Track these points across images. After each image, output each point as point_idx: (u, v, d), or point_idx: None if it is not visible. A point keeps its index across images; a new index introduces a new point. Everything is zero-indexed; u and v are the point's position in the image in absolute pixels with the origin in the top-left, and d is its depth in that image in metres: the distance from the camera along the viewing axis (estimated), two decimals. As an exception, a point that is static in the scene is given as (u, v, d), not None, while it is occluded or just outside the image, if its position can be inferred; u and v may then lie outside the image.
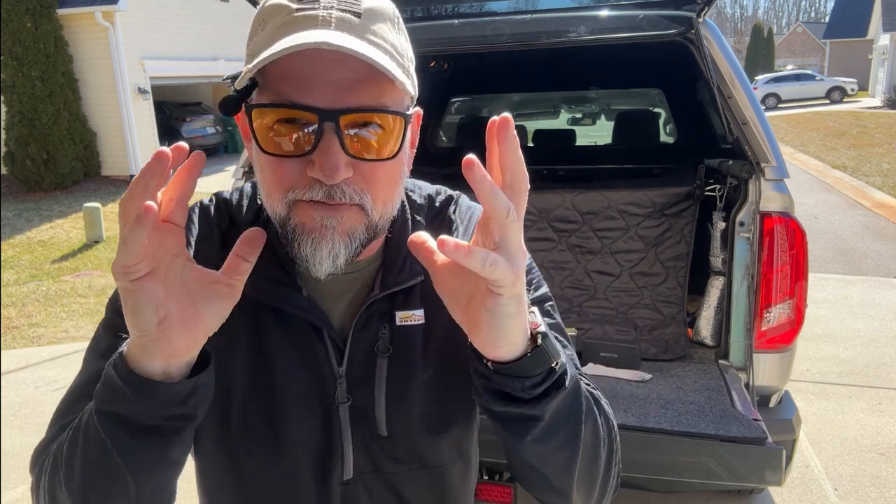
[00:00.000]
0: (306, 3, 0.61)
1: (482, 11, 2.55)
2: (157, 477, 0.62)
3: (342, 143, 0.60)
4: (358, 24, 0.61)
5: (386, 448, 0.77)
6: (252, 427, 0.75)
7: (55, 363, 4.59)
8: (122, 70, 12.26)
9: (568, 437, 0.64)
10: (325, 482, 0.77)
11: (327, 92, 0.59)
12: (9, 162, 11.57)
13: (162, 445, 0.60)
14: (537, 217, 2.62)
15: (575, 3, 2.65)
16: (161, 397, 0.57)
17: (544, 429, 0.61)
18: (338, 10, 0.60)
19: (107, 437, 0.59)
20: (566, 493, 0.68)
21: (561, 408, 0.62)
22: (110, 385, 0.58)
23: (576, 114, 6.69)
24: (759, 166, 2.09)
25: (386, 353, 0.75)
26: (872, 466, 2.93)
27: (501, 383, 0.59)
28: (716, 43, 2.07)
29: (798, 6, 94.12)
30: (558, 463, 0.66)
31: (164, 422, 0.58)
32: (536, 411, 0.60)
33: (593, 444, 0.67)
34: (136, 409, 0.57)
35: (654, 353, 2.37)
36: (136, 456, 0.59)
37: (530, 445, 0.63)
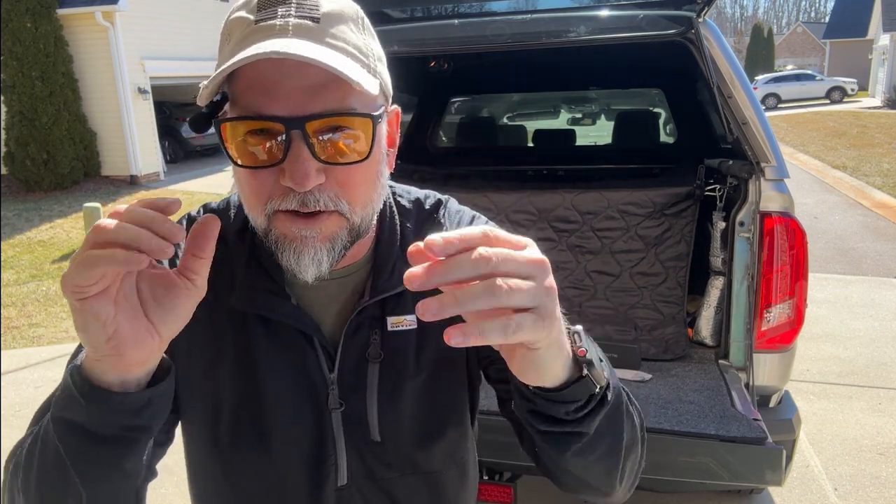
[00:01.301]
0: (265, 13, 0.61)
1: (482, 11, 2.55)
2: (110, 487, 0.61)
3: (311, 150, 0.60)
4: (316, 28, 0.61)
5: (379, 454, 0.77)
6: (244, 436, 0.75)
7: (55, 363, 4.59)
8: (122, 70, 12.26)
9: (610, 447, 0.63)
10: (319, 489, 0.76)
11: (291, 99, 0.60)
12: (9, 162, 11.57)
13: (115, 455, 0.59)
14: (537, 217, 2.62)
15: (575, 3, 2.65)
16: (115, 407, 0.56)
17: (587, 443, 0.60)
18: (295, 18, 0.60)
19: (61, 443, 0.58)
20: (608, 492, 0.68)
21: (604, 422, 0.60)
22: (67, 393, 0.57)
23: (576, 114, 6.69)
24: (759, 166, 2.09)
25: (377, 358, 0.75)
26: (872, 466, 2.93)
27: (544, 407, 0.57)
28: (716, 43, 2.07)
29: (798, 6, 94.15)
30: (600, 470, 0.65)
31: (119, 431, 0.57)
32: (580, 429, 0.59)
33: (632, 447, 0.66)
34: (90, 418, 0.56)
35: (654, 353, 2.37)
36: (88, 464, 0.58)
37: (572, 458, 0.62)
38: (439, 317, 0.43)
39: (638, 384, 2.09)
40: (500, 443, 1.82)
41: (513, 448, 1.83)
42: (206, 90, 0.60)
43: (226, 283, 0.73)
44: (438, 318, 0.44)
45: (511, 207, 2.63)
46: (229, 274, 0.74)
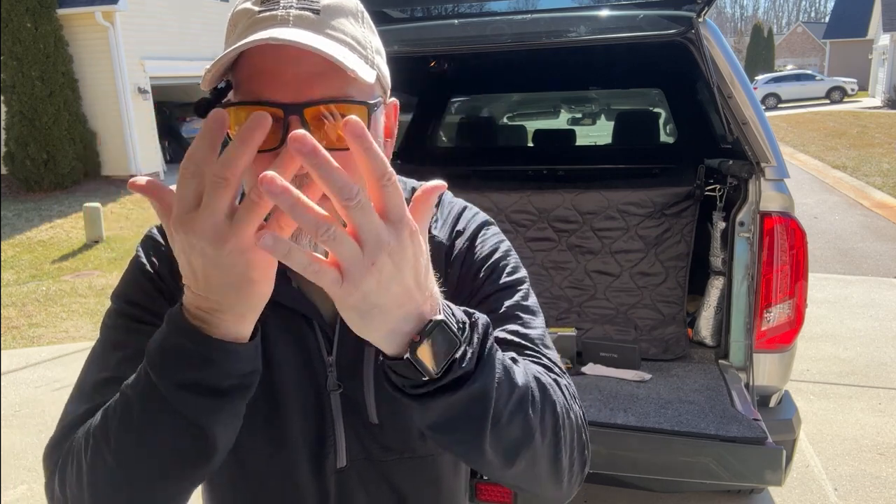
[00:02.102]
0: (268, 4, 0.64)
1: (482, 11, 2.55)
2: (232, 436, 0.63)
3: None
4: (316, 19, 0.63)
5: (377, 436, 0.79)
6: (251, 414, 0.74)
7: (55, 363, 4.59)
8: (122, 70, 12.26)
9: (467, 437, 0.60)
10: (320, 469, 0.79)
11: (290, 86, 0.61)
12: (9, 162, 11.57)
13: (240, 403, 0.61)
14: (537, 217, 2.62)
15: (575, 3, 2.65)
16: (240, 358, 0.57)
17: (435, 421, 0.58)
18: (296, 9, 0.63)
19: (183, 407, 0.57)
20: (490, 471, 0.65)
21: (453, 410, 0.57)
22: (184, 355, 0.56)
23: (576, 114, 6.68)
24: (759, 166, 2.09)
25: None
26: (872, 466, 2.93)
27: (386, 367, 0.56)
28: (716, 43, 2.07)
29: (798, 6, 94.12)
30: (460, 452, 0.63)
31: (242, 380, 0.59)
32: (417, 404, 0.56)
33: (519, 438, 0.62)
34: (215, 374, 0.57)
35: (654, 353, 2.37)
36: (219, 419, 0.59)
37: (425, 431, 0.60)
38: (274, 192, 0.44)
39: (638, 384, 2.09)
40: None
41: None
42: (208, 74, 0.62)
43: None
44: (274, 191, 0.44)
45: (511, 207, 2.63)
46: None
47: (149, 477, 0.61)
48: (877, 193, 9.39)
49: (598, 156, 4.05)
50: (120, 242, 8.40)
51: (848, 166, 11.57)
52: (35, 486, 3.02)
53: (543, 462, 0.66)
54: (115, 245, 8.27)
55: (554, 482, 0.69)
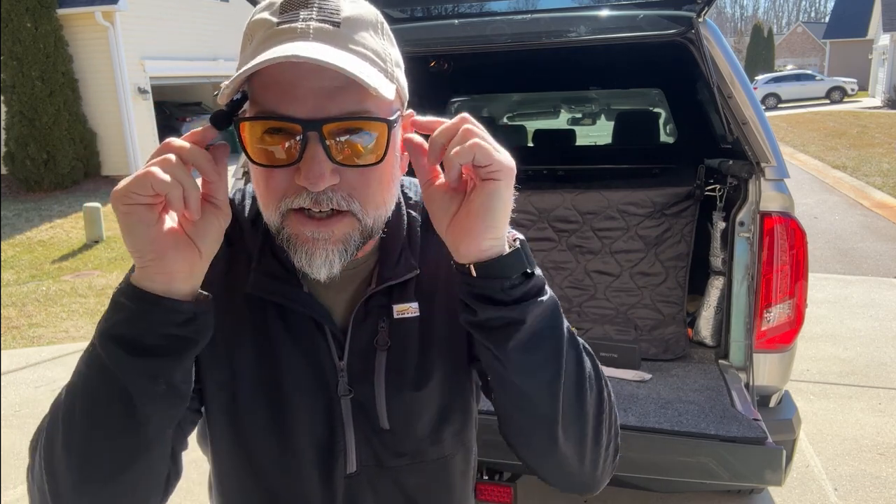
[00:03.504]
0: (287, 15, 0.62)
1: (482, 11, 2.55)
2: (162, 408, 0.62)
3: (326, 151, 0.61)
4: (336, 32, 0.62)
5: (388, 442, 0.78)
6: (260, 420, 0.76)
7: (55, 363, 4.59)
8: (122, 70, 12.26)
9: (550, 355, 0.65)
10: (329, 475, 0.78)
11: (309, 101, 0.61)
12: (9, 162, 11.57)
13: (163, 368, 0.61)
14: (537, 217, 2.62)
15: (575, 3, 2.65)
16: (162, 312, 0.59)
17: (526, 336, 0.63)
18: (316, 22, 0.61)
19: (110, 360, 0.59)
20: (552, 427, 0.67)
21: (541, 319, 0.64)
22: (115, 305, 0.60)
23: (576, 114, 6.68)
24: (759, 166, 2.09)
25: (385, 346, 0.76)
26: (872, 466, 2.93)
27: (484, 286, 0.62)
28: (716, 43, 2.07)
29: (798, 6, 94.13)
30: (542, 381, 0.65)
31: (164, 341, 0.60)
32: (517, 314, 0.62)
33: (577, 376, 0.68)
34: (137, 326, 0.59)
35: (654, 353, 2.37)
36: (138, 376, 0.60)
37: (514, 355, 0.64)
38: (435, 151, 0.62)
39: (638, 384, 2.09)
40: (501, 443, 1.82)
41: (513, 448, 1.80)
42: (227, 90, 0.61)
43: (243, 269, 0.75)
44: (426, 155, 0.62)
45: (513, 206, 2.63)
46: (246, 260, 0.76)
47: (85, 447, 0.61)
48: (877, 193, 9.38)
49: (598, 156, 4.06)
50: (120, 242, 8.40)
51: (848, 166, 11.57)
52: (35, 486, 3.02)
53: (590, 418, 0.69)
54: (115, 245, 8.27)
55: (593, 457, 0.71)
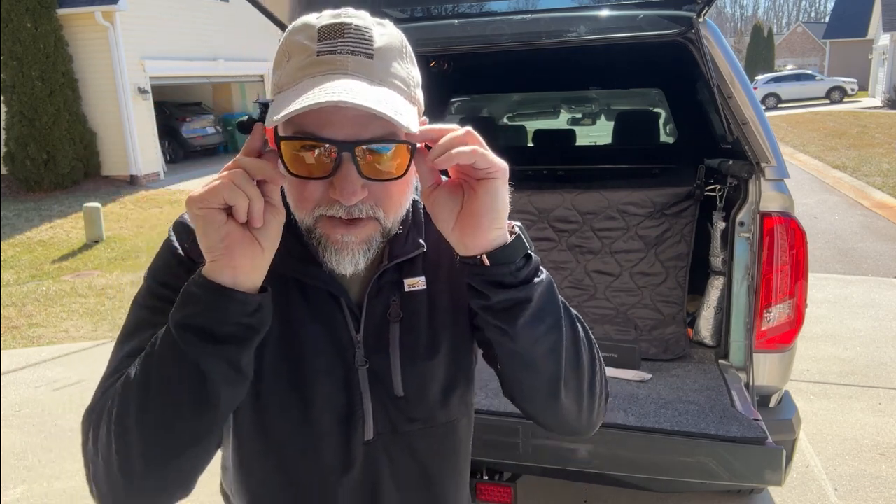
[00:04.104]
0: (325, 44, 0.70)
1: (482, 11, 2.55)
2: (232, 390, 0.70)
3: (358, 169, 0.70)
4: (371, 65, 0.70)
5: (402, 408, 0.85)
6: (282, 390, 0.82)
7: (55, 363, 4.59)
8: (122, 70, 12.26)
9: (552, 324, 0.75)
10: (348, 442, 0.84)
11: (345, 126, 0.69)
12: (9, 162, 11.57)
13: (235, 353, 0.69)
14: (537, 217, 2.62)
15: (575, 3, 2.65)
16: (234, 303, 0.67)
17: (533, 312, 0.73)
18: (352, 54, 0.69)
19: (187, 347, 0.67)
20: (556, 386, 0.77)
21: (543, 295, 0.74)
22: (190, 299, 0.68)
23: (576, 114, 6.67)
24: (759, 166, 2.09)
25: (397, 318, 0.84)
26: (872, 466, 2.93)
27: (494, 273, 0.71)
28: (716, 43, 2.07)
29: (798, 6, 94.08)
30: (547, 348, 0.75)
31: (237, 330, 0.68)
32: (524, 294, 0.72)
33: (574, 340, 0.78)
34: (213, 317, 0.67)
35: (654, 353, 2.36)
36: (215, 362, 0.67)
37: (522, 330, 0.73)
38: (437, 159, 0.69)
39: (638, 384, 2.09)
40: (501, 443, 1.82)
41: (513, 448, 1.82)
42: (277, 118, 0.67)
43: None
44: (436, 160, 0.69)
45: (511, 207, 2.63)
46: None
47: (160, 423, 0.68)
48: (877, 193, 9.39)
49: (598, 156, 4.05)
50: (120, 242, 8.40)
51: (848, 166, 11.57)
52: (35, 486, 3.02)
53: (585, 372, 0.80)
54: (115, 245, 8.27)
55: (589, 406, 0.82)
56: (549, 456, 1.76)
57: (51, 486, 3.02)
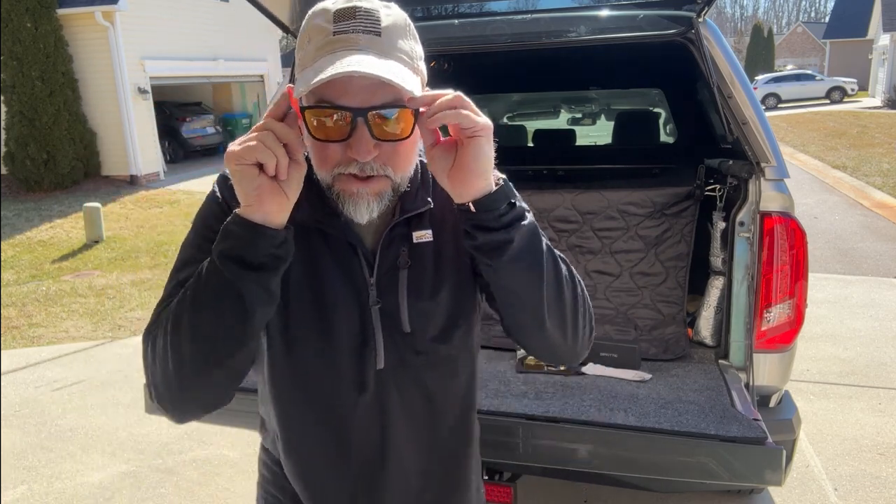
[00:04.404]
0: (340, 25, 0.81)
1: (482, 11, 2.55)
2: (263, 308, 0.84)
3: (370, 132, 0.82)
4: (379, 41, 0.81)
5: (409, 342, 0.98)
6: (305, 320, 0.96)
7: (55, 363, 4.59)
8: (122, 70, 12.25)
9: (532, 262, 0.87)
10: (363, 370, 0.97)
11: (358, 95, 0.80)
12: (9, 162, 11.56)
13: (266, 278, 0.82)
14: (537, 217, 2.61)
15: (575, 3, 2.65)
16: (265, 238, 0.81)
17: (515, 251, 0.84)
18: (363, 33, 0.81)
19: (228, 273, 0.81)
20: (541, 318, 0.89)
21: (524, 237, 0.85)
22: (230, 234, 0.81)
23: (576, 114, 6.67)
24: (759, 166, 2.09)
25: (406, 265, 0.97)
26: (872, 466, 2.93)
27: (481, 218, 0.83)
28: (716, 43, 2.07)
29: (798, 6, 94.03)
30: (529, 281, 0.87)
31: (266, 259, 0.81)
32: (506, 235, 0.84)
33: (556, 277, 0.89)
34: (248, 247, 0.80)
35: (654, 353, 2.36)
36: (250, 285, 0.81)
37: (506, 266, 0.85)
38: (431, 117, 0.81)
39: (638, 384, 2.09)
40: (500, 443, 1.82)
41: (513, 448, 1.82)
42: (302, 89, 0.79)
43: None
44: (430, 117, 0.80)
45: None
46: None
47: (207, 333, 0.83)
48: (877, 193, 9.39)
49: (598, 156, 4.05)
50: (120, 242, 8.40)
51: (848, 166, 11.57)
52: (35, 486, 3.02)
53: (568, 307, 0.91)
54: (115, 245, 8.27)
55: (573, 331, 0.93)
56: (549, 456, 1.76)
57: (51, 486, 3.02)
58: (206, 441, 3.36)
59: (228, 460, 3.18)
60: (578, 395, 1.94)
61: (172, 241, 8.41)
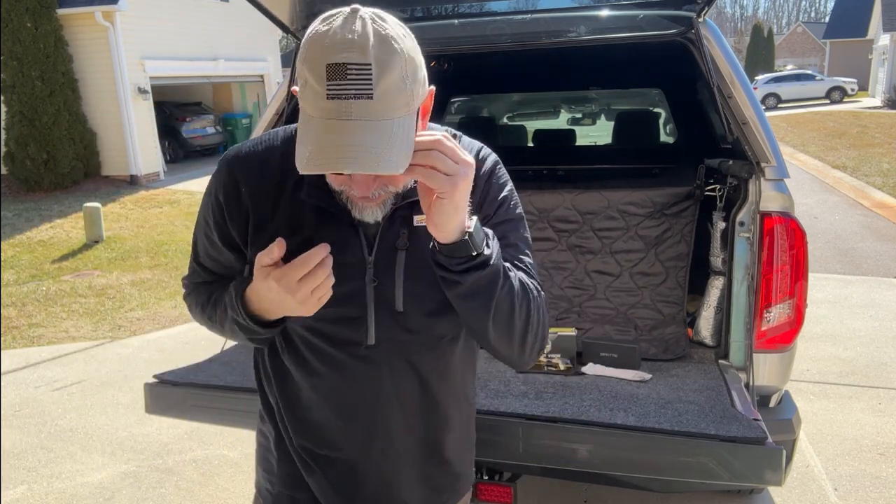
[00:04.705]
0: (332, 85, 0.79)
1: (482, 11, 2.55)
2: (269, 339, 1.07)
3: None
4: (373, 105, 0.79)
5: (401, 321, 1.02)
6: None
7: (55, 363, 4.59)
8: (122, 70, 12.26)
9: (481, 304, 0.94)
10: (357, 344, 1.03)
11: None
12: (9, 162, 11.56)
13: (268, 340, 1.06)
14: (537, 217, 2.62)
15: (575, 3, 2.65)
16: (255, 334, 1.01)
17: (464, 292, 0.92)
18: (356, 99, 0.79)
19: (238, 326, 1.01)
20: (484, 336, 1.00)
21: (477, 283, 0.91)
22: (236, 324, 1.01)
23: (576, 114, 6.68)
24: (759, 166, 2.09)
25: (404, 247, 1.01)
26: (872, 466, 2.93)
27: (439, 259, 0.91)
28: (716, 43, 2.07)
29: (798, 6, 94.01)
30: (473, 316, 0.97)
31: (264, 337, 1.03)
32: (458, 279, 0.91)
33: (508, 313, 0.96)
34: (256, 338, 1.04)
35: (654, 353, 2.36)
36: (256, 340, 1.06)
37: (453, 297, 0.95)
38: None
39: (638, 384, 2.08)
40: (501, 443, 1.82)
41: (513, 448, 1.81)
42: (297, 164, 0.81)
43: (296, 181, 1.00)
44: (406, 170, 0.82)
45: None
46: (294, 175, 0.97)
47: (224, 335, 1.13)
48: (877, 193, 9.39)
49: (598, 156, 4.05)
50: (120, 242, 8.40)
51: (848, 166, 11.57)
52: (35, 486, 3.02)
53: (517, 334, 0.99)
54: (115, 245, 8.27)
55: (520, 349, 1.02)
56: (549, 456, 1.76)
57: (51, 486, 3.02)
58: (206, 441, 3.36)
59: (228, 460, 3.18)
60: (578, 395, 1.94)
61: (172, 241, 8.41)
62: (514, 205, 1.08)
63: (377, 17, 0.83)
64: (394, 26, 0.84)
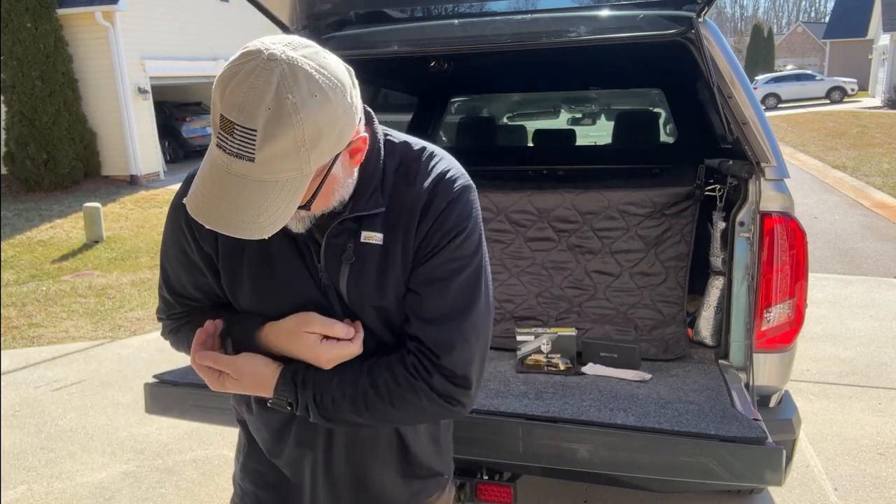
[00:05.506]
0: (221, 136, 0.80)
1: (482, 11, 2.55)
2: None
3: None
4: (251, 167, 0.80)
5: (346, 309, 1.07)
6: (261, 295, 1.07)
7: (55, 363, 4.59)
8: (122, 70, 12.26)
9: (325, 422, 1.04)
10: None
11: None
12: (9, 162, 11.57)
13: None
14: (537, 217, 2.62)
15: (575, 3, 2.65)
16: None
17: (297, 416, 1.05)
18: (238, 158, 0.80)
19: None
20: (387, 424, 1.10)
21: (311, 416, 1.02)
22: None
23: (576, 114, 6.68)
24: (759, 166, 2.09)
25: (350, 261, 1.02)
26: (872, 466, 2.93)
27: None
28: (716, 43, 2.06)
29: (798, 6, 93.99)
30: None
31: None
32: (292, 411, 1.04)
33: (352, 413, 1.02)
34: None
35: (654, 353, 2.36)
36: None
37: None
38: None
39: (638, 384, 2.09)
40: (501, 443, 1.82)
41: (513, 448, 1.81)
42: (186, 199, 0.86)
43: None
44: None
45: (511, 207, 2.63)
46: None
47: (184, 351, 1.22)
48: (877, 193, 9.39)
49: (598, 156, 4.05)
50: (120, 242, 8.40)
51: (848, 166, 11.57)
52: (35, 486, 3.02)
53: (394, 420, 1.05)
54: (114, 245, 8.27)
55: (405, 422, 1.10)
56: (549, 456, 1.76)
57: (51, 486, 3.02)
58: (206, 441, 3.36)
59: (228, 460, 3.18)
60: (578, 395, 1.94)
61: (172, 241, 8.41)
62: (466, 242, 1.01)
63: (288, 76, 0.78)
64: (303, 90, 0.79)
